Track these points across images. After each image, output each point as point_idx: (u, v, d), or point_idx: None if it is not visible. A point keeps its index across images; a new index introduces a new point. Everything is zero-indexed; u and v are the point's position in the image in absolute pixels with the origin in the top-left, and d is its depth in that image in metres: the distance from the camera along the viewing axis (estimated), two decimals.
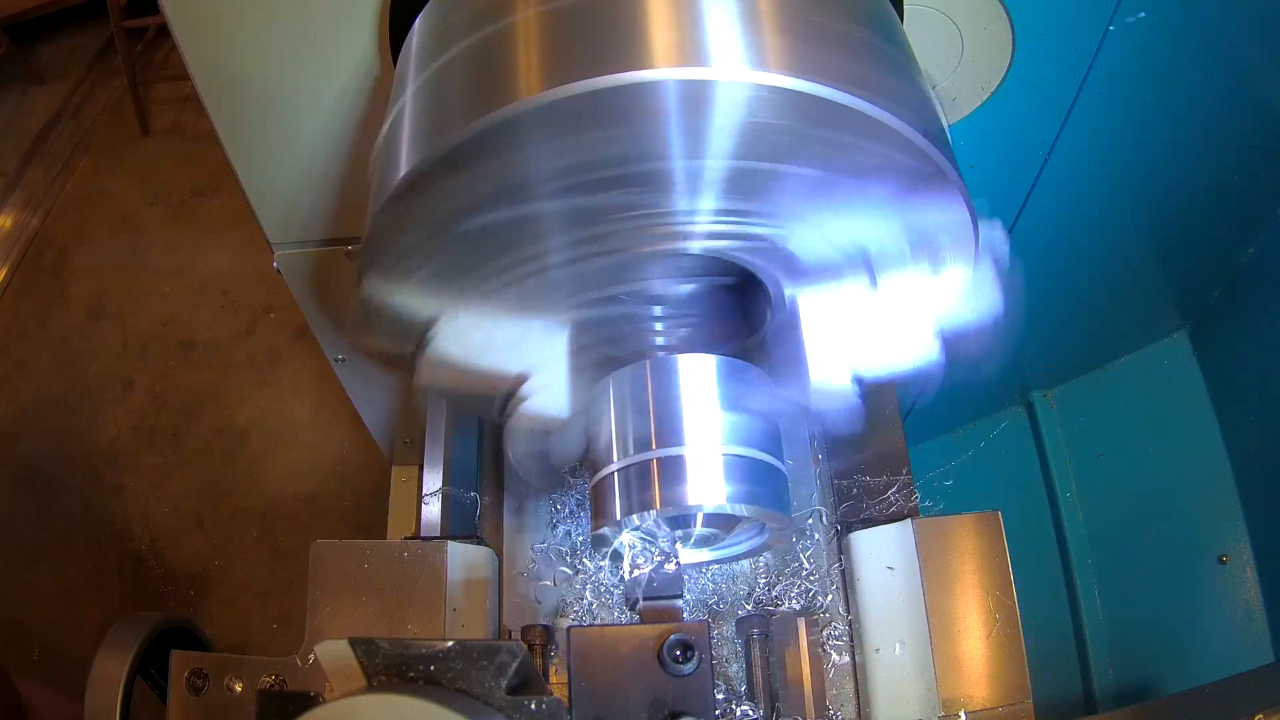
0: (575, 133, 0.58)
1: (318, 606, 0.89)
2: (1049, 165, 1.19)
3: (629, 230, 0.68)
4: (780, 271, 0.73)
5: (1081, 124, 1.11)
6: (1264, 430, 1.49)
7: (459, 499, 1.05)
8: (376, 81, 0.90)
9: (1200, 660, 1.52)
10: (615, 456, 0.76)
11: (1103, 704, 1.61)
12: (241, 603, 2.46)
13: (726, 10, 0.59)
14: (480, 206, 0.64)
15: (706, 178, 0.62)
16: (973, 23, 0.92)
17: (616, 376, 0.79)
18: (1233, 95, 1.17)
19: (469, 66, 0.63)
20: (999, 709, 0.84)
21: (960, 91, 1.01)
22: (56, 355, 3.00)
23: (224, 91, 0.93)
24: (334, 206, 1.07)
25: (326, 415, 2.76)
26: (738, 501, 0.72)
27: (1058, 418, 1.81)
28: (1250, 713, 0.75)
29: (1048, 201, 1.24)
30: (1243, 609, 1.51)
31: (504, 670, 0.56)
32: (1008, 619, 0.86)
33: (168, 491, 2.69)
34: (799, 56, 0.57)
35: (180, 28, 0.86)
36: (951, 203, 0.64)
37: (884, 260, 0.70)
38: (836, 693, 0.93)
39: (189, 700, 0.88)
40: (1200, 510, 1.58)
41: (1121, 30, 0.98)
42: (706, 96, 0.56)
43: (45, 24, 3.75)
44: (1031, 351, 1.70)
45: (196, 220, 3.26)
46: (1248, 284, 1.51)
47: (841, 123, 0.57)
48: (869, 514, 0.99)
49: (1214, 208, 1.39)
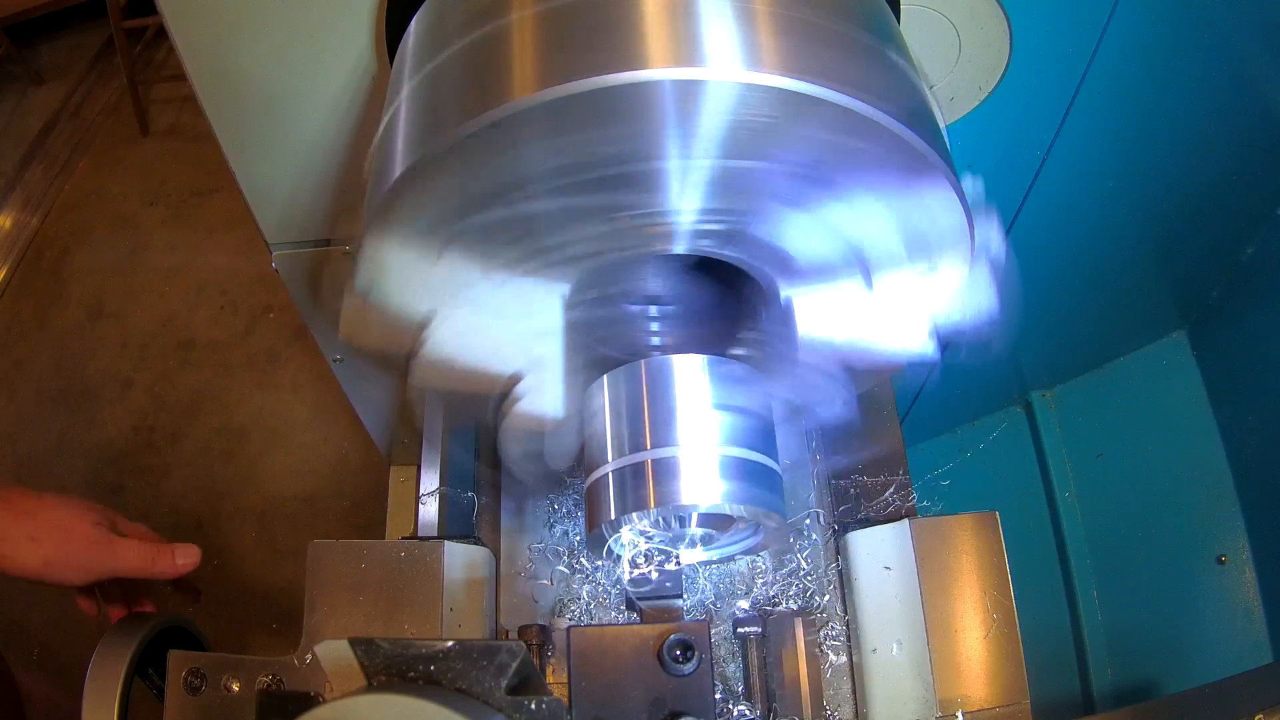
0: (571, 132, 0.58)
1: (315, 606, 0.89)
2: (1047, 165, 1.19)
3: (623, 230, 0.68)
4: (775, 271, 0.73)
5: (1079, 123, 1.11)
6: (1263, 430, 1.49)
7: (456, 499, 1.05)
8: (374, 82, 0.90)
9: (1199, 660, 1.52)
10: (610, 457, 0.76)
11: (1101, 704, 1.61)
12: (240, 602, 2.47)
13: (722, 10, 0.59)
14: (475, 206, 0.64)
15: (701, 177, 0.62)
16: (970, 23, 0.92)
17: (610, 377, 0.79)
18: (1231, 94, 1.17)
19: (464, 66, 0.63)
20: (996, 709, 0.84)
21: (958, 91, 1.01)
22: (56, 355, 3.00)
23: (221, 91, 0.93)
24: (332, 207, 1.07)
25: (325, 415, 2.76)
26: (732, 501, 0.72)
27: (1056, 418, 1.81)
28: (1250, 713, 0.75)
29: (1046, 201, 1.24)
30: (1242, 609, 1.51)
31: (504, 670, 0.56)
32: (1005, 619, 0.86)
33: (167, 491, 2.69)
34: (795, 56, 0.57)
35: (177, 27, 0.86)
36: (947, 202, 0.64)
37: (879, 260, 0.70)
38: (834, 693, 0.93)
39: (186, 700, 0.88)
40: (1199, 510, 1.58)
41: (1119, 29, 0.98)
42: (701, 96, 0.56)
43: (45, 24, 3.75)
44: (1030, 351, 1.70)
45: (196, 220, 3.27)
46: (1247, 284, 1.51)
47: (837, 122, 0.57)
48: (866, 514, 0.99)
49: (1213, 207, 1.39)
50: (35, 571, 0.96)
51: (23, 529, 0.95)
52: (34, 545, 0.95)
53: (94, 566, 0.98)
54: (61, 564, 0.96)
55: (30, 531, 0.95)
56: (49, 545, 0.96)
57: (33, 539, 0.95)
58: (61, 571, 0.97)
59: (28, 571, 0.96)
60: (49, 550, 0.96)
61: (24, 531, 0.95)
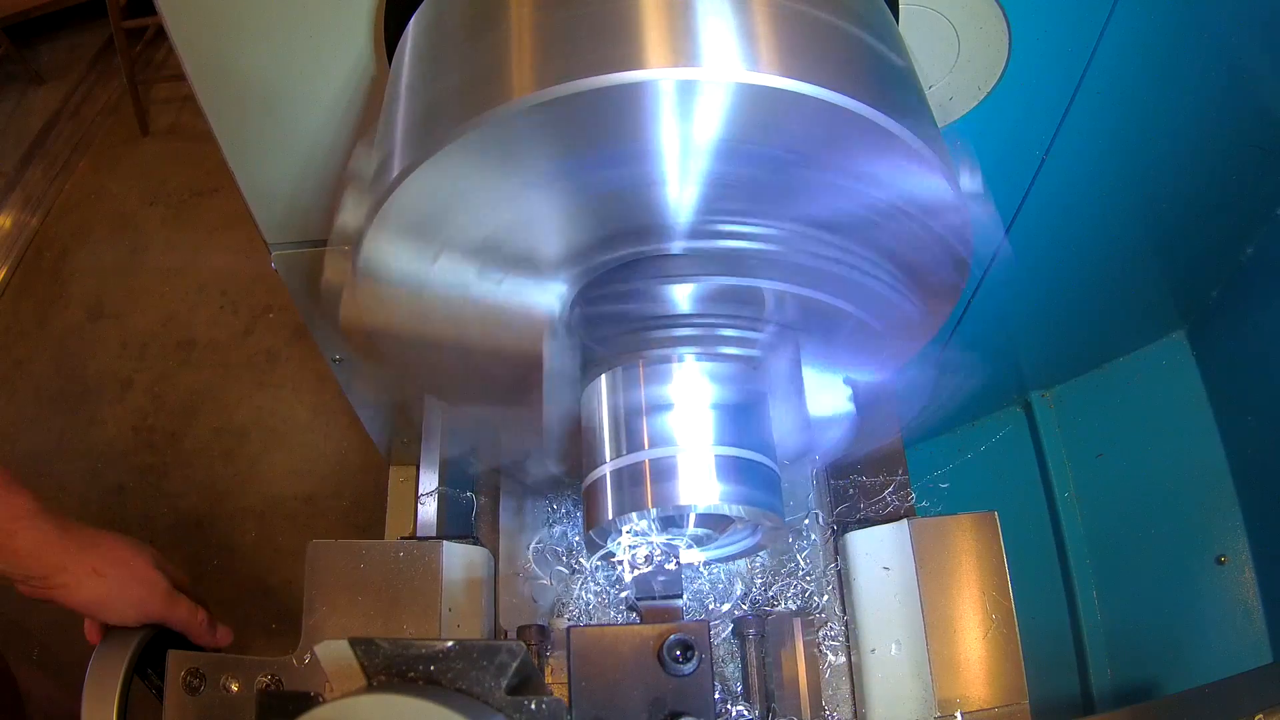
0: (568, 131, 0.58)
1: (314, 606, 0.89)
2: (1046, 165, 1.18)
3: (622, 229, 0.68)
4: (775, 271, 0.73)
5: (1079, 124, 1.11)
6: (1263, 430, 1.49)
7: (455, 499, 1.05)
8: (373, 82, 0.90)
9: (1198, 660, 1.52)
10: (608, 457, 0.76)
11: (1101, 704, 1.61)
12: (240, 602, 2.46)
13: (720, 10, 0.59)
14: (473, 205, 0.64)
15: (700, 176, 0.62)
16: (969, 22, 0.92)
17: (609, 377, 0.79)
18: (1231, 94, 1.17)
19: (462, 65, 0.63)
20: (995, 709, 0.84)
21: (957, 91, 1.01)
22: (55, 355, 3.00)
23: (220, 91, 0.93)
24: (331, 206, 1.07)
25: (325, 415, 2.76)
26: (730, 501, 0.72)
27: (1056, 418, 1.81)
28: (1249, 713, 0.75)
29: (1045, 201, 1.24)
30: (1241, 609, 1.50)
31: (504, 670, 0.56)
32: (1004, 619, 0.86)
33: (166, 491, 2.69)
34: (792, 56, 0.57)
35: (176, 27, 0.86)
36: (944, 202, 0.64)
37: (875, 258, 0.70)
38: (832, 693, 0.93)
39: (185, 700, 0.88)
40: (1199, 510, 1.58)
41: (1119, 29, 0.98)
42: (699, 96, 0.56)
43: (45, 24, 3.75)
44: (1029, 352, 1.70)
45: (196, 220, 3.27)
46: (1246, 284, 1.51)
47: (834, 122, 0.57)
48: (865, 514, 0.99)
49: (1212, 207, 1.39)
50: (91, 606, 0.94)
51: (85, 562, 0.93)
52: (97, 579, 0.93)
53: (148, 611, 0.97)
54: (120, 602, 0.95)
55: (94, 565, 0.93)
56: (111, 580, 0.94)
57: (96, 572, 0.93)
58: (117, 609, 0.95)
59: (84, 605, 0.94)
60: (110, 586, 0.94)
61: (87, 564, 0.93)
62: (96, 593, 0.93)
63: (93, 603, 0.94)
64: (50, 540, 0.92)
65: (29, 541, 0.90)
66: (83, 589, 0.93)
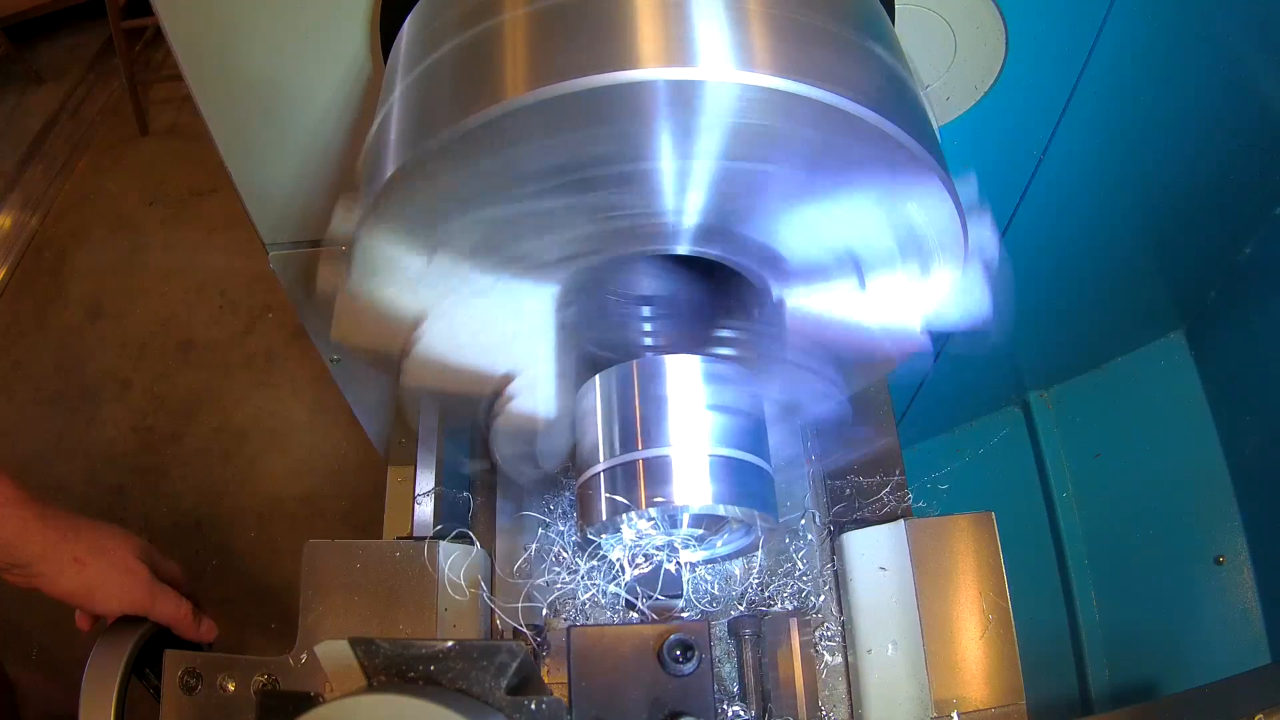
0: (563, 132, 0.58)
1: (310, 606, 0.89)
2: (1043, 165, 1.18)
3: (615, 230, 0.68)
4: (767, 271, 0.73)
5: (1076, 123, 1.11)
6: (1261, 430, 1.49)
7: (451, 499, 1.05)
8: (369, 82, 0.90)
9: (1197, 661, 1.52)
10: (601, 456, 0.76)
11: (1099, 705, 1.61)
12: (239, 602, 2.47)
13: (715, 10, 0.59)
14: (467, 205, 0.64)
15: (694, 178, 0.62)
16: (966, 22, 0.92)
17: (603, 377, 0.79)
18: (1229, 94, 1.17)
19: (457, 65, 0.63)
20: (992, 710, 0.83)
21: (953, 91, 1.01)
22: (55, 355, 3.00)
23: (217, 91, 0.93)
24: (328, 207, 1.07)
25: (324, 416, 2.76)
26: (724, 502, 0.72)
27: (1054, 418, 1.81)
28: (1249, 713, 0.75)
29: (1042, 201, 1.24)
30: (1239, 609, 1.50)
31: (504, 670, 0.56)
32: (1001, 620, 0.86)
33: (166, 491, 2.69)
34: (788, 56, 0.57)
35: (173, 27, 0.86)
36: (940, 202, 0.64)
37: (872, 260, 0.70)
38: (829, 693, 0.93)
39: (182, 700, 0.88)
40: (1197, 510, 1.58)
41: (1115, 29, 0.98)
42: (694, 96, 0.56)
43: (44, 24, 3.76)
44: (1027, 352, 1.70)
45: (195, 220, 3.27)
46: (1244, 284, 1.51)
47: (829, 123, 0.57)
48: (862, 514, 0.99)
49: (1210, 207, 1.39)
50: (74, 595, 0.93)
51: (66, 550, 0.91)
52: (78, 568, 0.92)
53: (132, 601, 0.96)
54: (102, 591, 0.94)
55: (75, 553, 0.92)
56: (92, 570, 0.93)
57: (77, 561, 0.92)
58: (100, 599, 0.94)
59: (66, 594, 0.93)
60: (92, 575, 0.93)
61: (67, 552, 0.91)
62: (78, 582, 0.92)
63: (75, 592, 0.93)
64: (30, 528, 0.90)
65: (9, 530, 0.89)
66: (64, 578, 0.91)
